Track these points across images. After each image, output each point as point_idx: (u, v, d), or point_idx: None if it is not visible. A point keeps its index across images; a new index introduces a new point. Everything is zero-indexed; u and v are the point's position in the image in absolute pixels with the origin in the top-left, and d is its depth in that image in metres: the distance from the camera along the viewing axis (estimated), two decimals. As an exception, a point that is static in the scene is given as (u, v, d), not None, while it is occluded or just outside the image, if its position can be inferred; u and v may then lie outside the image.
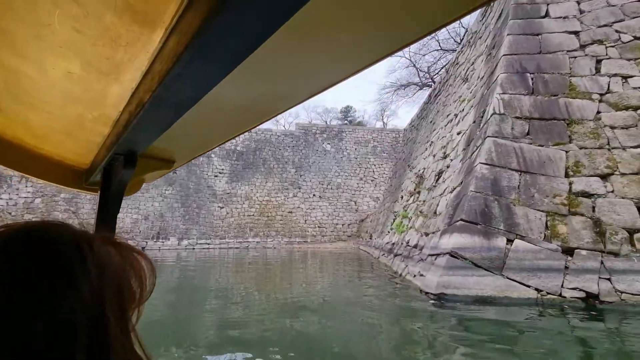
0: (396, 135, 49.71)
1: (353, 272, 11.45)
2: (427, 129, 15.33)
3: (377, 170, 46.10)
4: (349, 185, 44.53)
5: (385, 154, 48.12)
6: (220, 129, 0.87)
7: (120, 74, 0.61)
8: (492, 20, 10.02)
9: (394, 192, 19.18)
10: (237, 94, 0.66)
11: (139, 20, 0.48)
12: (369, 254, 18.99)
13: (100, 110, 0.76)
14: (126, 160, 0.82)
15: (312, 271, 12.18)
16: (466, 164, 7.26)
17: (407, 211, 11.93)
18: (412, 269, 7.23)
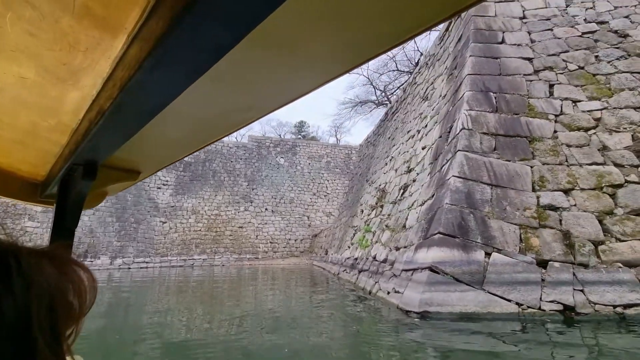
0: (349, 151, 50.95)
1: (315, 290, 10.85)
2: (386, 144, 15.65)
3: (330, 185, 46.49)
4: (302, 199, 44.20)
5: (339, 169, 48.92)
6: (187, 139, 0.85)
7: (79, 80, 0.59)
8: (451, 44, 10.59)
9: (351, 206, 19.16)
10: (204, 104, 0.65)
11: (99, 26, 0.46)
12: (325, 270, 18.53)
13: (57, 118, 0.72)
14: (85, 170, 0.80)
15: (268, 290, 11.32)
16: (436, 177, 7.28)
17: (369, 225, 11.79)
18: (385, 286, 6.91)
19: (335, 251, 17.86)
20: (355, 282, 9.90)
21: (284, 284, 13.35)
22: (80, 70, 0.56)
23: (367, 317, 5.81)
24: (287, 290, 11.34)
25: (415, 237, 6.69)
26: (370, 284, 8.01)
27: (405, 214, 8.34)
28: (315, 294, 9.66)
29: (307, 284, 12.94)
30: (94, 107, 0.64)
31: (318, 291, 10.44)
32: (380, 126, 19.91)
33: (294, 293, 10.49)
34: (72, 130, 0.75)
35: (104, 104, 0.59)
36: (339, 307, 7.10)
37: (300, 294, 10.09)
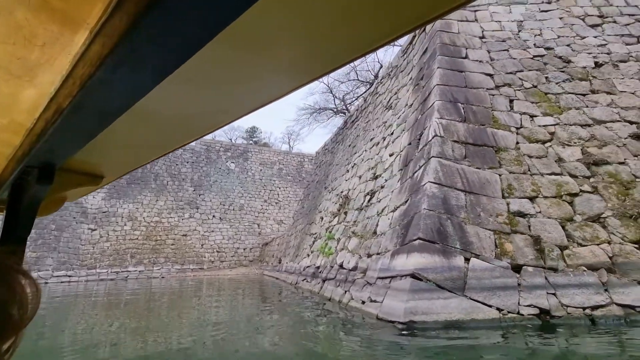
0: (301, 159, 50.87)
1: (276, 301, 10.17)
2: (346, 152, 15.66)
3: (282, 192, 45.80)
4: (253, 207, 42.96)
5: (291, 177, 48.50)
6: (155, 142, 0.81)
7: (36, 76, 0.54)
8: (415, 56, 10.96)
9: (307, 214, 18.78)
10: (172, 105, 0.63)
11: (58, 20, 0.44)
12: (279, 279, 17.80)
13: (9, 116, 0.66)
14: (41, 173, 0.74)
15: (213, 305, 10.34)
16: (408, 183, 7.25)
17: (331, 233, 11.50)
18: (358, 295, 6.60)
19: (291, 260, 17.26)
20: (319, 292, 9.46)
21: (236, 296, 12.39)
22: (37, 66, 0.52)
23: (350, 334, 5.40)
24: (243, 303, 10.47)
25: (390, 244, 6.52)
26: (339, 293, 7.65)
27: (374, 220, 8.20)
28: (278, 306, 9.00)
29: (265, 295, 12.16)
30: (52, 105, 0.59)
31: (279, 303, 9.77)
32: (339, 134, 19.99)
33: (251, 307, 9.69)
34: (26, 130, 0.69)
35: (62, 103, 0.55)
36: (306, 323, 6.58)
37: (260, 308, 9.34)
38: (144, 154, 0.88)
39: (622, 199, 5.93)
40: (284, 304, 9.41)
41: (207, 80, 0.54)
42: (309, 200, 20.73)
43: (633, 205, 5.83)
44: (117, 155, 0.86)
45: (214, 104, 0.64)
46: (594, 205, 5.88)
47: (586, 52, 8.88)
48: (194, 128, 0.73)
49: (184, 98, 0.60)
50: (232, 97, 0.62)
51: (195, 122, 0.71)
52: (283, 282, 16.31)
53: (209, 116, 0.68)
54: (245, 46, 0.47)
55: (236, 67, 0.52)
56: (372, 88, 15.46)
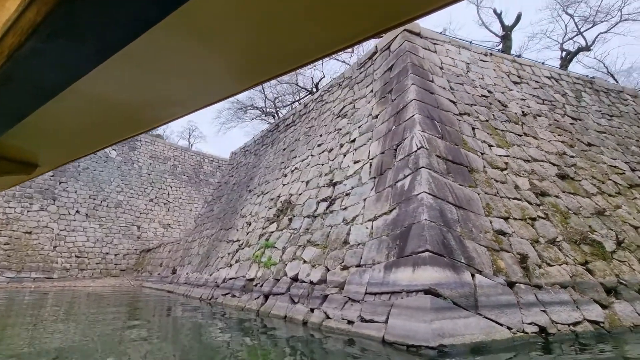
0: (201, 158, 46.63)
1: (198, 329, 8.10)
2: (281, 156, 14.59)
3: (174, 193, 40.86)
4: (134, 205, 36.91)
5: (186, 176, 43.90)
6: (99, 131, 0.74)
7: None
8: (377, 71, 11.08)
9: (220, 218, 16.63)
10: (119, 91, 0.58)
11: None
12: (176, 293, 14.94)
13: None
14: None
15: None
16: (390, 192, 6.86)
17: (268, 240, 10.17)
18: (337, 313, 5.65)
19: (196, 270, 14.74)
20: (259, 309, 7.98)
21: (114, 320, 9.55)
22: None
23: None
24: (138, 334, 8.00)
25: (378, 255, 5.89)
26: (301, 312, 6.50)
27: (342, 229, 7.46)
28: (213, 338, 7.10)
29: (173, 318, 9.72)
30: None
31: (209, 333, 7.79)
32: (266, 136, 18.71)
33: (163, 344, 7.43)
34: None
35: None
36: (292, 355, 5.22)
37: (184, 344, 7.23)
38: (86, 143, 0.79)
39: (565, 226, 6.86)
40: (217, 332, 7.53)
41: (158, 67, 0.51)
42: (222, 204, 18.47)
43: (574, 232, 6.80)
44: (55, 142, 0.78)
45: (165, 95, 0.60)
46: (550, 230, 6.61)
47: (514, 102, 10.54)
48: (142, 119, 0.68)
49: (132, 84, 0.56)
50: (183, 89, 0.58)
51: (143, 113, 0.65)
52: (183, 296, 13.64)
53: (158, 108, 0.64)
54: (200, 36, 0.45)
55: (190, 57, 0.50)
56: (316, 95, 15.05)
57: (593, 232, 7.03)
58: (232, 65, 0.53)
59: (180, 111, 0.65)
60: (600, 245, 6.72)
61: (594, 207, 7.80)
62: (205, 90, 0.59)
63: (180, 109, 0.64)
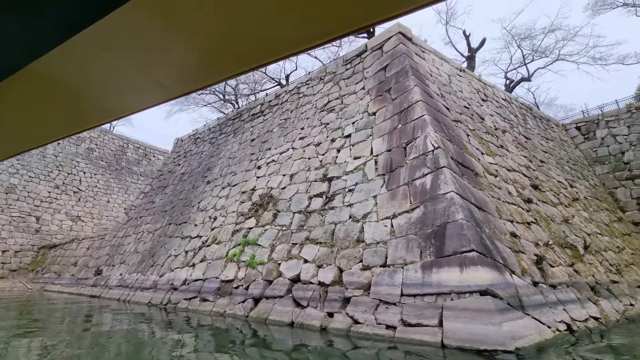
0: (124, 144, 41.60)
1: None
2: (253, 146, 13.43)
3: (88, 180, 35.66)
4: (33, 191, 31.42)
5: (105, 162, 38.62)
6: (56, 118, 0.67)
7: None
8: (369, 69, 10.94)
9: (168, 211, 14.63)
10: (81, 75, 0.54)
11: None
12: (102, 297, 12.58)
13: None
14: None
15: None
16: (409, 191, 6.66)
17: (247, 237, 9.12)
18: (370, 317, 5.15)
19: (136, 270, 12.60)
20: (247, 315, 6.99)
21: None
22: None
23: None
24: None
25: (409, 254, 5.59)
26: (317, 317, 5.81)
27: (351, 226, 6.99)
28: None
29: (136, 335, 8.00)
30: None
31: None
32: (225, 125, 17.11)
33: None
34: None
35: None
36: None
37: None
38: (44, 133, 0.72)
39: (550, 231, 7.54)
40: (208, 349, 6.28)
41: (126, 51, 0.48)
42: (168, 195, 16.25)
43: (557, 236, 7.51)
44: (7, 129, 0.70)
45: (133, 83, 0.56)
46: (542, 234, 7.17)
47: (487, 116, 11.45)
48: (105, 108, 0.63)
49: (96, 69, 0.52)
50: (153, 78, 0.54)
51: (107, 101, 0.61)
52: (119, 302, 11.46)
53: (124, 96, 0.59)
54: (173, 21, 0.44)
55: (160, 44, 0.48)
56: (292, 87, 14.28)
57: (567, 237, 7.88)
58: (207, 55, 0.50)
59: (149, 101, 0.60)
60: (576, 249, 7.54)
61: (561, 215, 8.80)
62: (177, 80, 0.55)
63: (149, 98, 0.59)
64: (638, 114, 15.72)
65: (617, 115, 16.48)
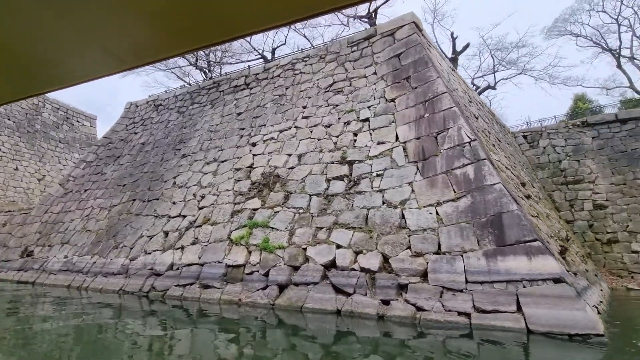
0: (40, 103, 35.46)
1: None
2: (241, 121, 12.23)
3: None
4: None
5: (12, 121, 32.79)
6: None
7: None
8: (380, 54, 10.71)
9: (130, 185, 12.69)
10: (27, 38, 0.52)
11: None
12: (40, 284, 10.49)
13: None
14: None
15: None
16: (445, 180, 6.70)
17: (253, 219, 8.31)
18: (439, 305, 5.06)
19: (90, 252, 10.71)
20: (275, 303, 6.37)
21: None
22: None
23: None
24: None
25: (465, 242, 5.62)
26: (370, 304, 5.52)
27: (388, 212, 6.79)
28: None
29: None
30: None
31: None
32: (198, 94, 15.29)
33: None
34: None
35: None
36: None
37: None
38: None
39: (549, 225, 8.37)
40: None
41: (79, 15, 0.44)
42: (124, 167, 14.02)
43: (552, 230, 8.36)
44: None
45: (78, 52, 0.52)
46: (546, 227, 7.91)
47: (477, 116, 12.19)
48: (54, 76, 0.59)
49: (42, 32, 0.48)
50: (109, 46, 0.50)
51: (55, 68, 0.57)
52: (69, 289, 9.60)
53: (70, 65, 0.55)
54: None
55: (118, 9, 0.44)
56: (285, 62, 13.30)
57: (559, 232, 8.86)
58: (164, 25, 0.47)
59: (99, 71, 0.56)
60: (566, 241, 8.52)
61: (544, 211, 9.85)
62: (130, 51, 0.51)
63: (99, 68, 0.55)
64: (573, 130, 18.47)
65: (557, 129, 19.10)
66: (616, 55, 19.24)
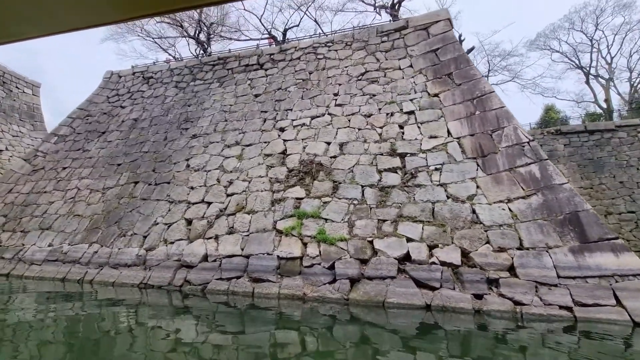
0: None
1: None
2: (262, 104, 11.40)
3: None
4: None
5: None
6: None
7: None
8: (414, 47, 10.66)
9: (127, 165, 11.33)
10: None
11: None
12: (8, 276, 8.96)
13: None
14: None
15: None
16: (511, 177, 6.90)
17: (299, 209, 7.85)
18: (536, 299, 5.18)
19: (86, 240, 9.41)
20: (348, 297, 6.08)
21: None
22: None
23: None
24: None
25: (547, 238, 5.84)
26: (462, 299, 5.49)
27: (457, 207, 6.81)
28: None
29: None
30: None
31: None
32: (200, 70, 13.94)
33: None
34: None
35: None
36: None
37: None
38: None
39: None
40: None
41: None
42: (115, 144, 12.38)
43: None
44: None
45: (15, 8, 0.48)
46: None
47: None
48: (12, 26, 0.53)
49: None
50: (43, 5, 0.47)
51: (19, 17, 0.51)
52: (64, 282, 8.32)
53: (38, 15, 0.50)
54: None
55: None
56: (305, 45, 12.63)
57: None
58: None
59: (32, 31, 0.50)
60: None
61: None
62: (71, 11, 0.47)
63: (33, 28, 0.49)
64: (548, 137, 20.33)
65: (534, 135, 20.89)
66: (585, 72, 21.58)
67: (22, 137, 29.57)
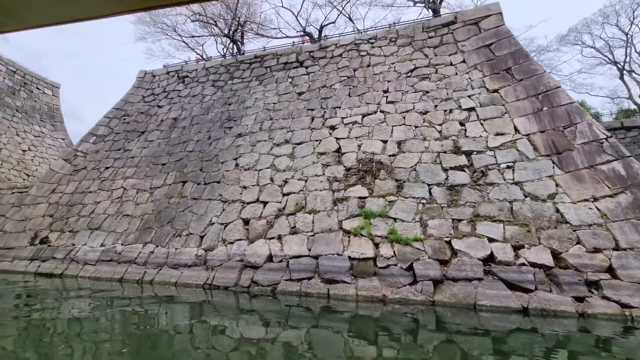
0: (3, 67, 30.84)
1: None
2: (307, 102, 11.25)
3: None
4: None
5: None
6: None
7: None
8: (465, 42, 10.41)
9: (173, 164, 11.26)
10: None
11: None
12: (62, 276, 8.97)
13: None
14: None
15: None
16: (593, 175, 6.66)
17: (364, 208, 7.68)
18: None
19: (140, 240, 9.36)
20: (434, 300, 5.91)
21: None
22: None
23: None
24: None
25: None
26: (563, 302, 5.28)
27: (537, 206, 6.59)
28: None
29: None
30: None
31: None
32: (237, 68, 13.84)
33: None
34: None
35: None
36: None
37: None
38: None
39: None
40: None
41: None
42: (157, 144, 12.32)
43: None
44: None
45: None
46: None
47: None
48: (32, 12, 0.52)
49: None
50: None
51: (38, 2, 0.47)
52: (122, 282, 8.25)
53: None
54: None
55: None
56: (347, 42, 12.45)
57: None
58: None
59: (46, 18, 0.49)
60: None
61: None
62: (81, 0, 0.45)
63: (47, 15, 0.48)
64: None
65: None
66: (619, 67, 21.11)
67: (43, 138, 29.95)
